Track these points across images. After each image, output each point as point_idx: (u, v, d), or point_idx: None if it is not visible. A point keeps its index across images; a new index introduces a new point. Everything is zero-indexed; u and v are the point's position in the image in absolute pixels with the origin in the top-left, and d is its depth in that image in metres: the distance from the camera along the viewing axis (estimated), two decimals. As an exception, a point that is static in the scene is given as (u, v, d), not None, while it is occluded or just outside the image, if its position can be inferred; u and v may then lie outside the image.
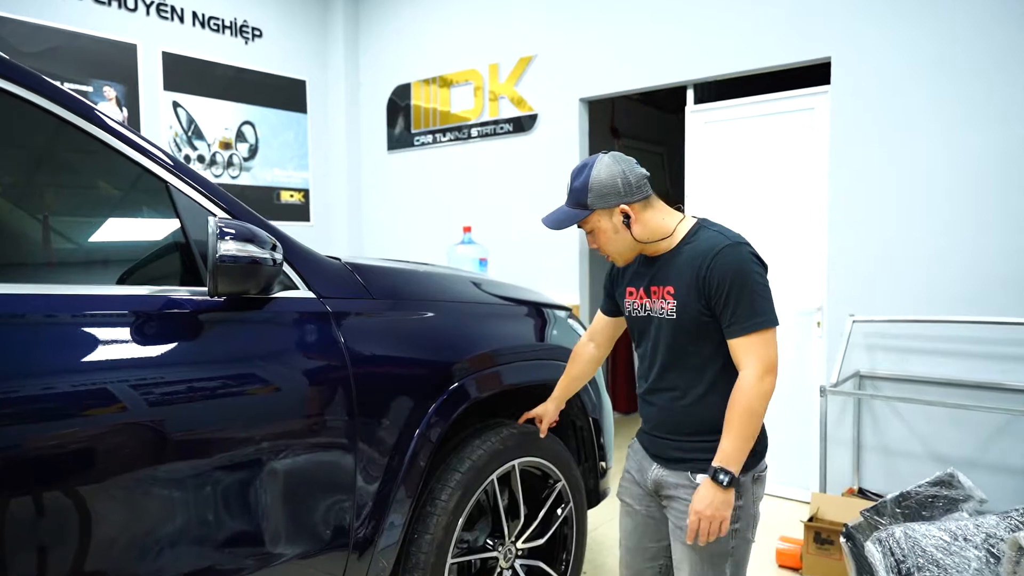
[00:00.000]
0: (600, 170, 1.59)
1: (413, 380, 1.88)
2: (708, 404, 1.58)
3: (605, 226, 1.62)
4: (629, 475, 1.80)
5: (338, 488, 1.69)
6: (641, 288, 1.68)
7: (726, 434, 1.50)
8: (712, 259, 1.51)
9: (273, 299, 1.63)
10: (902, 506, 2.23)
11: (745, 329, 1.49)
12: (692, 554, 1.57)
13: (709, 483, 1.50)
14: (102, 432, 1.32)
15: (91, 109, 1.42)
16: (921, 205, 3.27)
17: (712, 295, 1.52)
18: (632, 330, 1.76)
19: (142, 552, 1.38)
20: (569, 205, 1.65)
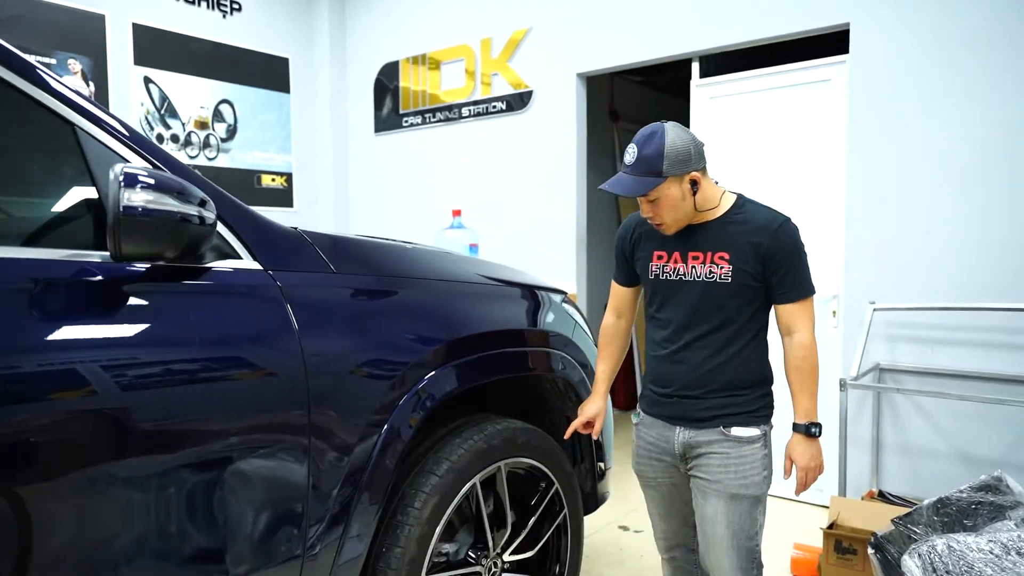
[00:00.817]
0: (673, 137, 1.60)
1: (381, 368, 1.60)
2: (740, 362, 1.70)
3: (673, 194, 1.63)
4: (647, 449, 1.82)
5: (286, 494, 1.42)
6: (676, 253, 1.73)
7: (803, 392, 1.68)
8: (775, 232, 1.64)
9: (207, 269, 1.36)
10: (940, 513, 1.96)
11: (800, 295, 1.67)
12: (729, 507, 1.67)
13: (803, 439, 1.67)
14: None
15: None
16: (948, 184, 3.00)
17: (770, 264, 1.64)
18: (653, 293, 1.79)
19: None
20: (637, 173, 1.62)
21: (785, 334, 1.71)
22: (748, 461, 1.67)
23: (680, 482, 1.80)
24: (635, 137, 1.66)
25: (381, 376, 1.59)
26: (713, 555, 1.71)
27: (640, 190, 1.62)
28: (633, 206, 5.67)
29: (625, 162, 1.66)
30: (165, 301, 1.28)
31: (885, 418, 3.18)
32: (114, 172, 1.10)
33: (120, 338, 1.20)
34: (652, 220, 1.69)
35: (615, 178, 1.68)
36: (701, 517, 1.73)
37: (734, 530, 1.67)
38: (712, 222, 1.70)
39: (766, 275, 1.66)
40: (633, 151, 1.64)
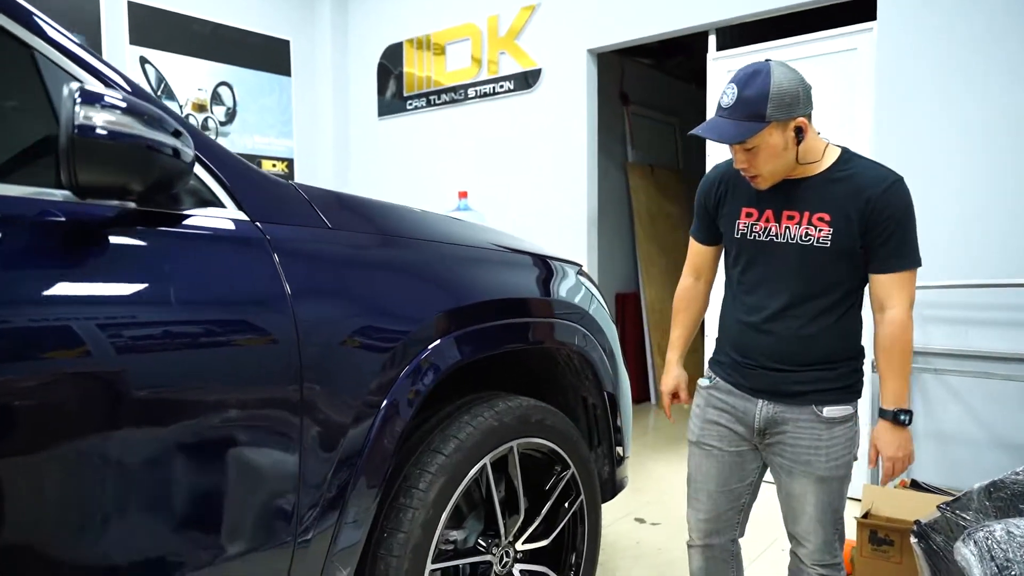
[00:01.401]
0: (780, 77, 1.42)
1: (380, 337, 1.43)
2: (834, 334, 1.54)
3: (775, 142, 1.44)
4: (716, 415, 1.67)
5: (274, 476, 1.25)
6: (768, 211, 1.56)
7: (892, 376, 1.52)
8: (885, 191, 1.45)
9: (185, 216, 1.21)
10: (993, 498, 1.79)
11: (902, 265, 1.48)
12: (819, 487, 1.56)
13: (891, 427, 1.52)
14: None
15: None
16: (982, 156, 2.83)
17: (876, 227, 1.46)
18: (738, 253, 1.63)
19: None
20: (736, 117, 1.43)
21: (877, 309, 1.52)
22: (839, 442, 1.55)
23: (746, 456, 1.66)
24: (734, 76, 1.47)
25: (380, 346, 1.43)
26: (801, 528, 1.62)
27: (739, 136, 1.43)
28: (651, 192, 5.51)
29: (721, 104, 1.46)
30: (135, 249, 1.13)
31: (917, 404, 3.01)
32: (69, 88, 0.94)
33: (79, 293, 1.04)
34: (746, 172, 1.51)
35: (709, 122, 1.48)
36: (787, 493, 1.62)
37: (823, 508, 1.58)
38: (812, 178, 1.51)
39: (868, 239, 1.47)
40: (732, 92, 1.44)
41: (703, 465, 1.71)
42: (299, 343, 1.28)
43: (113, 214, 1.11)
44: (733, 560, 1.79)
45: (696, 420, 1.73)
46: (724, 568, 1.78)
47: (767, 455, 1.65)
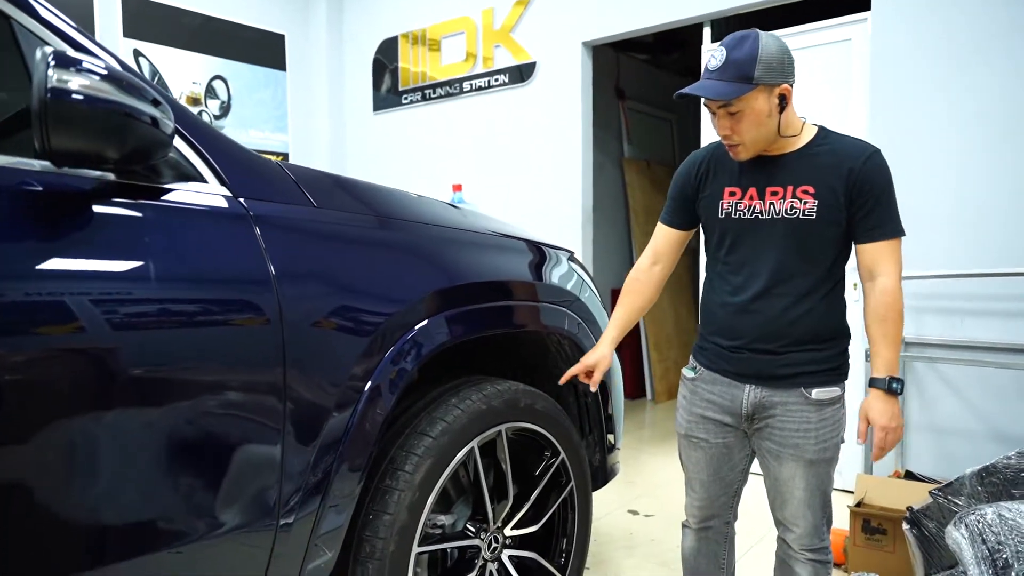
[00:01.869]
0: (767, 41, 1.43)
1: (365, 316, 1.42)
2: (822, 313, 1.53)
3: (760, 107, 1.45)
4: (703, 407, 1.66)
5: (255, 459, 1.23)
6: (751, 188, 1.55)
7: (884, 344, 1.49)
8: (865, 161, 1.47)
9: (165, 190, 1.20)
10: (985, 483, 1.79)
11: (888, 234, 1.48)
12: (808, 471, 1.55)
13: (883, 396, 1.49)
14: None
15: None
16: (978, 146, 2.82)
17: (859, 197, 1.47)
18: (723, 233, 1.60)
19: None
20: (725, 78, 1.44)
21: (867, 279, 1.51)
22: (828, 424, 1.54)
23: (735, 445, 1.65)
24: (722, 41, 1.47)
25: (364, 327, 1.40)
26: (789, 512, 1.61)
27: (729, 94, 1.42)
28: (647, 187, 5.49)
29: (708, 67, 1.46)
30: (114, 222, 1.11)
31: (911, 395, 3.00)
32: (42, 51, 0.93)
33: (54, 266, 1.03)
34: (728, 139, 1.50)
35: (698, 82, 1.48)
36: (775, 478, 1.61)
37: (811, 491, 1.57)
38: (792, 153, 1.52)
39: (852, 211, 1.48)
40: (721, 53, 1.44)
41: (693, 456, 1.71)
42: (282, 321, 1.27)
43: (91, 186, 1.10)
44: (726, 543, 1.78)
45: (683, 413, 1.72)
46: (717, 549, 1.78)
47: (755, 440, 1.63)
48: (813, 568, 1.62)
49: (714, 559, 1.79)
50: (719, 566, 1.79)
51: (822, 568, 1.62)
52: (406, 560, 1.48)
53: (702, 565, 1.80)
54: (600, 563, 2.52)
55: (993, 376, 2.79)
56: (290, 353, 1.27)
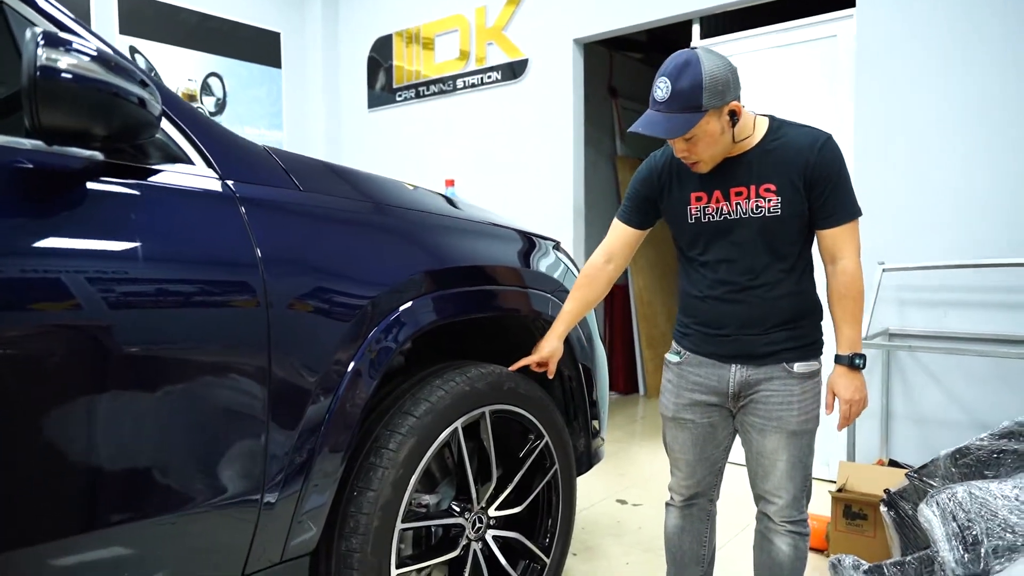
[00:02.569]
0: (709, 65, 1.44)
1: (349, 297, 1.45)
2: (797, 294, 1.60)
3: (713, 129, 1.48)
4: (691, 388, 1.70)
5: (241, 436, 1.27)
6: (716, 191, 1.59)
7: (846, 322, 1.58)
8: (819, 151, 1.51)
9: (153, 171, 1.23)
10: (959, 464, 1.83)
11: (846, 217, 1.54)
12: (790, 441, 1.61)
13: (847, 371, 1.58)
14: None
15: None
16: (961, 141, 2.86)
17: (816, 185, 1.52)
18: (694, 237, 1.65)
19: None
20: (673, 110, 1.46)
21: (829, 262, 1.59)
22: (809, 396, 1.61)
23: (719, 424, 1.71)
24: (664, 68, 1.48)
25: (348, 307, 1.44)
26: (771, 484, 1.66)
27: (680, 130, 1.46)
28: (639, 151, 5.53)
29: (655, 98, 1.48)
30: (102, 201, 1.15)
31: (895, 387, 3.04)
32: (32, 31, 0.97)
33: (43, 244, 1.06)
34: (687, 159, 1.55)
35: (646, 118, 1.50)
36: (758, 452, 1.65)
37: (793, 463, 1.62)
38: (749, 152, 1.56)
39: (811, 199, 1.53)
40: (665, 86, 1.46)
41: (679, 437, 1.76)
42: (267, 302, 1.30)
43: (80, 165, 1.14)
44: (709, 520, 1.83)
45: (670, 396, 1.76)
46: (700, 527, 1.82)
47: (739, 417, 1.69)
48: (792, 540, 1.66)
49: (697, 537, 1.83)
50: (701, 543, 1.84)
51: (801, 540, 1.67)
52: (390, 535, 1.51)
53: (686, 543, 1.84)
54: (587, 549, 2.56)
55: (974, 366, 2.83)
56: (275, 333, 1.30)
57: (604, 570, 2.39)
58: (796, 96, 3.32)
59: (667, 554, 1.88)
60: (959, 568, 1.53)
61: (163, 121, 1.25)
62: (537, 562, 1.94)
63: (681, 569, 1.86)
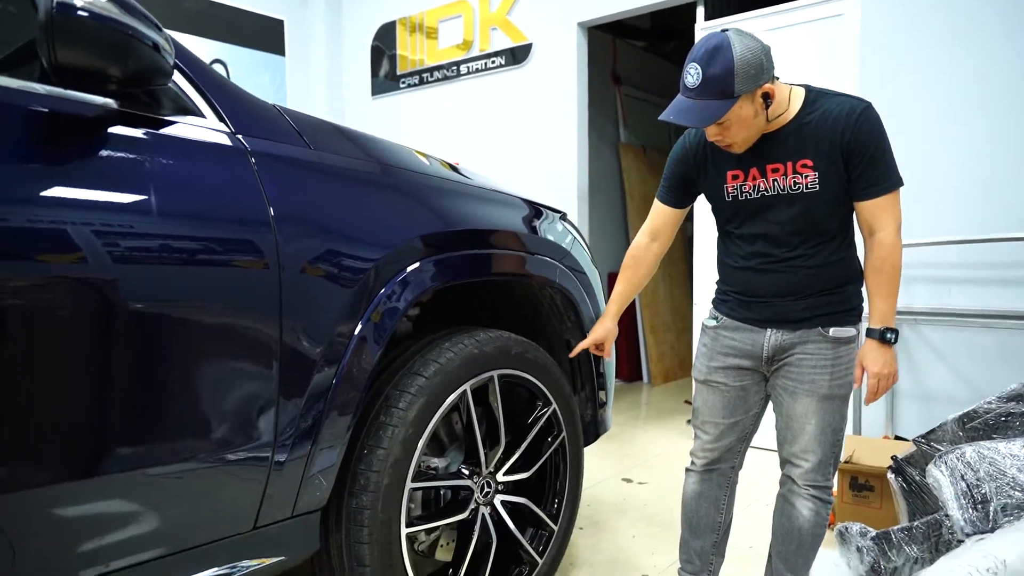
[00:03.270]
0: (741, 48, 1.40)
1: (358, 257, 1.44)
2: (835, 263, 1.58)
3: (746, 113, 1.45)
4: (725, 351, 1.70)
5: (251, 397, 1.27)
6: (753, 169, 1.57)
7: (880, 296, 1.54)
8: (857, 121, 1.47)
9: (166, 122, 1.24)
10: (966, 428, 1.83)
11: (885, 189, 1.50)
12: (821, 406, 1.59)
13: (878, 345, 1.55)
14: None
15: None
16: (966, 118, 2.86)
17: (854, 156, 1.48)
18: (733, 214, 1.64)
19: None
20: (704, 97, 1.43)
21: (867, 233, 1.56)
22: (843, 361, 1.59)
23: (751, 388, 1.70)
24: (694, 53, 1.44)
25: (356, 270, 1.42)
26: (799, 447, 1.64)
27: (712, 118, 1.43)
28: (643, 173, 5.52)
29: (686, 84, 1.44)
30: (115, 149, 1.15)
31: (901, 364, 3.02)
32: (47, -30, 0.97)
33: (55, 192, 1.06)
34: (720, 142, 1.53)
35: (677, 105, 1.46)
36: (788, 415, 1.64)
37: (823, 427, 1.60)
38: (786, 127, 1.53)
39: (849, 170, 1.50)
40: (696, 72, 1.42)
41: (710, 400, 1.75)
42: (278, 252, 1.30)
43: (94, 112, 1.14)
44: (728, 488, 1.82)
45: (703, 360, 1.76)
46: (719, 493, 1.80)
47: (773, 380, 1.68)
48: (814, 505, 1.64)
49: (715, 503, 1.81)
50: (719, 510, 1.82)
51: (823, 507, 1.65)
52: (400, 494, 1.52)
53: (703, 508, 1.82)
54: (593, 523, 2.57)
55: (980, 343, 2.83)
56: (286, 294, 1.30)
57: (610, 542, 2.40)
58: (802, 75, 3.31)
59: (683, 518, 1.87)
60: (968, 527, 1.54)
61: (175, 73, 1.26)
62: (545, 529, 1.94)
63: (695, 534, 1.85)
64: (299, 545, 1.40)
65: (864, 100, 1.52)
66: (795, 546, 1.69)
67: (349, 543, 1.48)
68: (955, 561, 1.25)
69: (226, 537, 1.29)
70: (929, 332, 2.96)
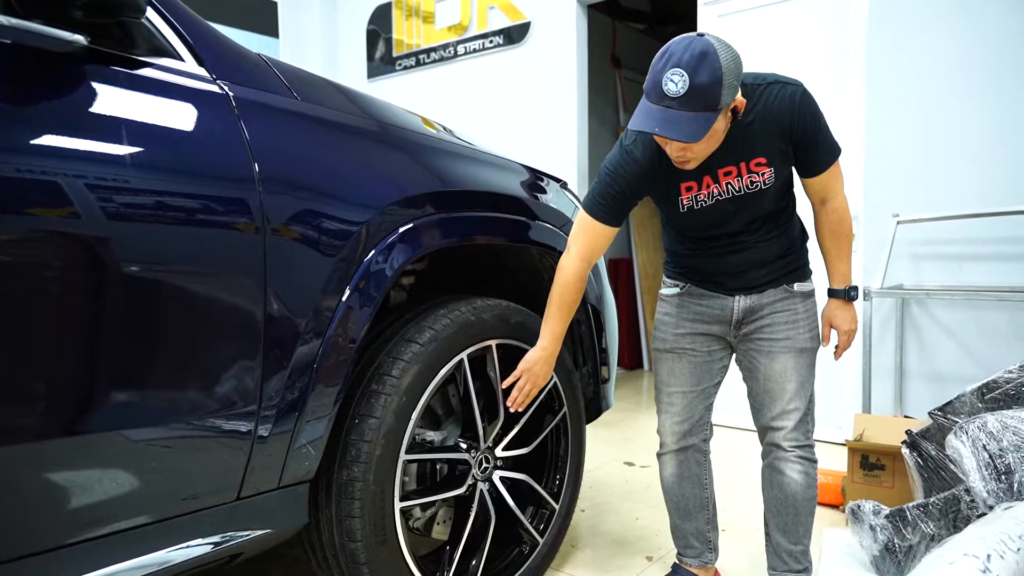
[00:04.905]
0: (726, 56, 1.27)
1: (347, 217, 1.35)
2: (787, 229, 1.61)
3: (719, 127, 1.36)
4: (692, 317, 1.68)
5: (233, 365, 1.18)
6: (706, 176, 1.49)
7: (840, 259, 1.63)
8: (799, 108, 1.43)
9: (140, 62, 1.15)
10: (986, 400, 1.75)
11: (830, 160, 1.52)
12: (799, 361, 1.60)
13: (844, 304, 1.65)
14: None
15: None
16: (975, 89, 2.78)
17: (802, 142, 1.46)
18: (687, 222, 1.58)
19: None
20: (692, 108, 1.28)
21: (818, 203, 1.60)
22: (811, 314, 1.63)
23: (717, 354, 1.70)
24: (675, 57, 1.27)
25: (344, 231, 1.33)
26: (779, 407, 1.62)
27: (700, 133, 1.29)
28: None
29: (667, 92, 1.27)
30: (85, 90, 1.06)
31: (909, 343, 2.97)
32: None
33: (9, 136, 0.98)
34: (681, 159, 1.40)
35: (659, 116, 1.29)
36: (766, 377, 1.62)
37: (800, 382, 1.61)
38: (731, 129, 1.42)
39: (797, 154, 1.49)
40: (681, 80, 1.25)
41: (676, 368, 1.71)
42: (262, 206, 1.22)
43: (62, 48, 1.05)
44: (705, 461, 1.79)
45: (668, 329, 1.71)
46: (697, 469, 1.78)
47: (743, 345, 1.67)
48: (803, 466, 1.62)
49: (697, 481, 1.78)
50: (703, 487, 1.79)
51: (811, 467, 1.64)
52: (393, 466, 1.44)
53: (687, 489, 1.78)
54: (596, 505, 2.49)
55: (990, 320, 2.76)
56: (271, 256, 1.21)
57: (613, 524, 2.32)
58: (808, 48, 3.23)
59: (669, 505, 1.83)
60: (991, 499, 1.46)
61: (149, 11, 1.18)
62: (546, 507, 1.87)
63: (686, 517, 1.80)
64: (286, 517, 1.32)
65: (795, 81, 1.45)
66: (792, 515, 1.66)
67: (340, 517, 1.40)
68: (986, 528, 1.17)
69: (209, 507, 1.21)
70: (938, 310, 2.89)
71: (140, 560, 1.12)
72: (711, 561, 1.83)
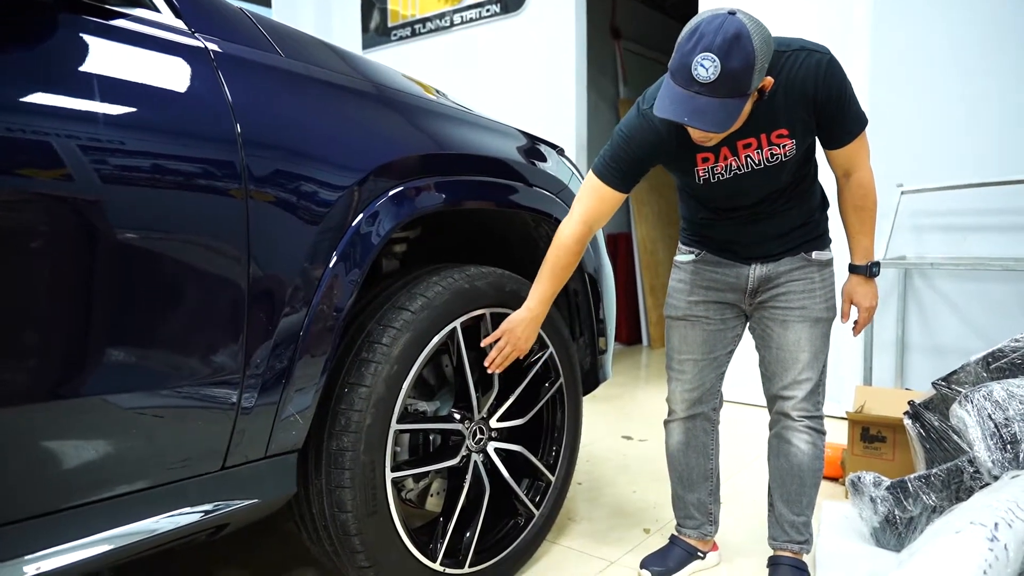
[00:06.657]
0: (758, 40, 1.20)
1: (334, 181, 1.30)
2: (808, 198, 1.56)
3: (746, 111, 1.31)
4: (706, 283, 1.65)
5: (216, 335, 1.14)
6: (723, 149, 1.43)
7: (863, 233, 1.56)
8: (825, 76, 1.35)
9: (111, 11, 1.09)
10: (991, 370, 1.71)
11: (857, 131, 1.44)
12: (813, 331, 1.57)
13: (865, 280, 1.60)
14: None
15: None
16: (980, 58, 2.71)
17: (826, 112, 1.39)
18: (706, 193, 1.55)
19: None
20: (722, 95, 1.22)
21: (842, 176, 1.53)
22: (828, 284, 1.60)
23: (731, 323, 1.67)
24: (705, 39, 1.19)
25: (331, 195, 1.28)
26: (791, 376, 1.59)
27: (731, 121, 1.24)
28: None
29: (696, 77, 1.20)
30: (52, 37, 1.01)
31: (911, 317, 2.93)
32: None
33: None
34: (702, 139, 1.36)
35: (688, 103, 1.23)
36: (779, 346, 1.59)
37: (814, 353, 1.58)
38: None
39: (821, 124, 1.41)
40: (713, 65, 1.19)
41: (689, 336, 1.68)
42: (244, 166, 1.17)
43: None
44: (713, 431, 1.77)
45: (682, 296, 1.68)
46: (704, 438, 1.75)
47: (758, 314, 1.63)
48: (811, 436, 1.60)
49: (703, 451, 1.76)
50: (708, 457, 1.77)
51: (819, 438, 1.61)
52: (384, 436, 1.40)
53: (692, 459, 1.76)
54: (593, 479, 2.47)
55: (994, 293, 2.72)
56: (254, 221, 1.16)
57: (611, 497, 2.30)
58: (813, 19, 3.16)
59: (672, 474, 1.80)
60: (996, 468, 1.43)
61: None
62: (542, 479, 1.84)
63: (689, 487, 1.77)
64: (273, 487, 1.29)
65: (822, 48, 1.37)
66: (797, 485, 1.63)
67: (330, 487, 1.37)
68: (994, 496, 1.14)
69: (195, 476, 1.18)
70: (942, 282, 2.84)
71: (127, 528, 1.09)
72: (710, 534, 1.80)
